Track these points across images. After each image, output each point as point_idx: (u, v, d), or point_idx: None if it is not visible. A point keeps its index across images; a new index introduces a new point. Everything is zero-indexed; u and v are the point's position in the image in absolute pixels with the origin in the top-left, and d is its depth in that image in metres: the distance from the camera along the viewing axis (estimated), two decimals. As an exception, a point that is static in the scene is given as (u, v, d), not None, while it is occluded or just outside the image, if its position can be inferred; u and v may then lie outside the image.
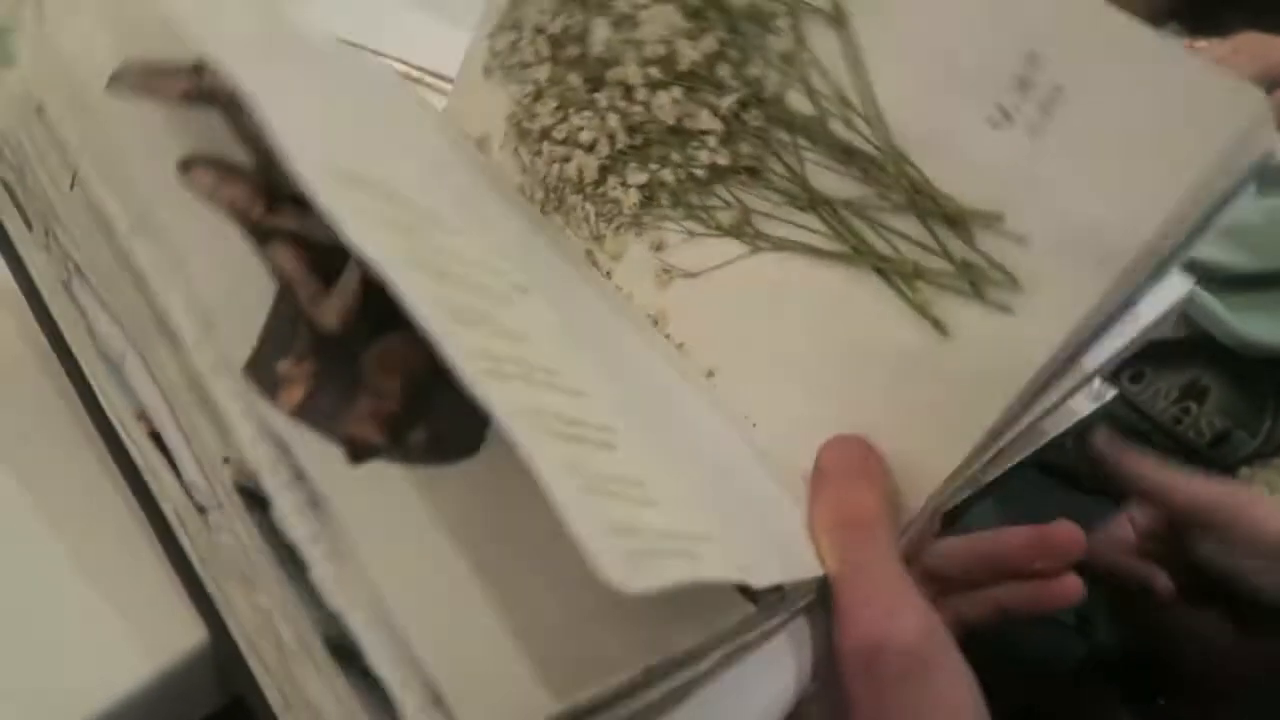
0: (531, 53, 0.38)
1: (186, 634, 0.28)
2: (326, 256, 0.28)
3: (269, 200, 0.28)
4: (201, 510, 0.27)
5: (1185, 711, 0.53)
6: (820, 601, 0.30)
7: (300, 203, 0.29)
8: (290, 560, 0.25)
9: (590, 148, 0.36)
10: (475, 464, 0.27)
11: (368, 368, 0.27)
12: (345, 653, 0.24)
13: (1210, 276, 0.69)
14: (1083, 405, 0.41)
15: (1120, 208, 0.26)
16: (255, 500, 0.26)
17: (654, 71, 0.34)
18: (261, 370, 0.26)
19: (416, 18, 0.65)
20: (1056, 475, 0.69)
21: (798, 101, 0.32)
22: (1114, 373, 0.45)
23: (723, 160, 0.33)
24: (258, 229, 0.28)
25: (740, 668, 0.28)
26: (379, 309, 0.28)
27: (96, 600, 0.28)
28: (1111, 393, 0.42)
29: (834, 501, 0.30)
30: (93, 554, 0.29)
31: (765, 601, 0.27)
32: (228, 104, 0.30)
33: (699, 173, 0.34)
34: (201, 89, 0.31)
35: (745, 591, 0.27)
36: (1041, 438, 0.39)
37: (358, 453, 0.25)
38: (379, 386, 0.26)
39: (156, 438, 0.29)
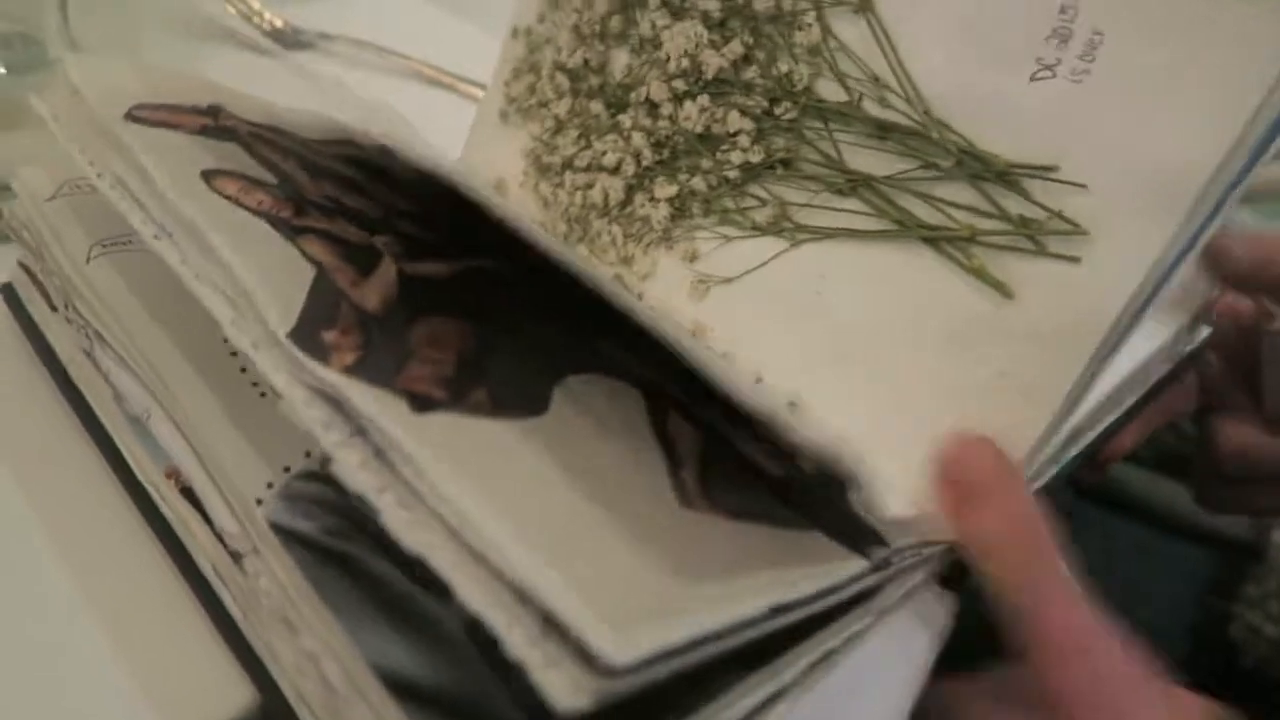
0: (551, 90, 0.37)
1: (235, 697, 0.26)
2: (358, 253, 0.27)
3: (296, 207, 0.28)
4: (237, 557, 0.26)
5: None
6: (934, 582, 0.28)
7: (324, 210, 0.28)
8: (334, 590, 0.23)
9: (615, 169, 0.35)
10: (544, 420, 0.25)
11: (415, 343, 0.25)
12: (401, 687, 0.22)
13: None
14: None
15: (1181, 139, 0.25)
16: (290, 536, 0.24)
17: (679, 84, 0.33)
18: (307, 339, 0.24)
19: (445, 23, 0.65)
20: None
21: (829, 89, 0.31)
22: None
23: (756, 158, 0.32)
24: (289, 227, 0.27)
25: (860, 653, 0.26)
26: (416, 298, 0.26)
27: (142, 670, 0.26)
28: (1204, 332, 0.39)
29: (1001, 506, 0.27)
30: (135, 623, 0.27)
31: (875, 558, 0.25)
32: (245, 138, 0.30)
33: (732, 174, 0.33)
34: (219, 126, 0.30)
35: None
36: (1129, 394, 0.36)
37: (420, 404, 0.23)
38: (430, 356, 0.25)
39: (187, 493, 0.27)
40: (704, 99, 0.33)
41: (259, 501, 0.25)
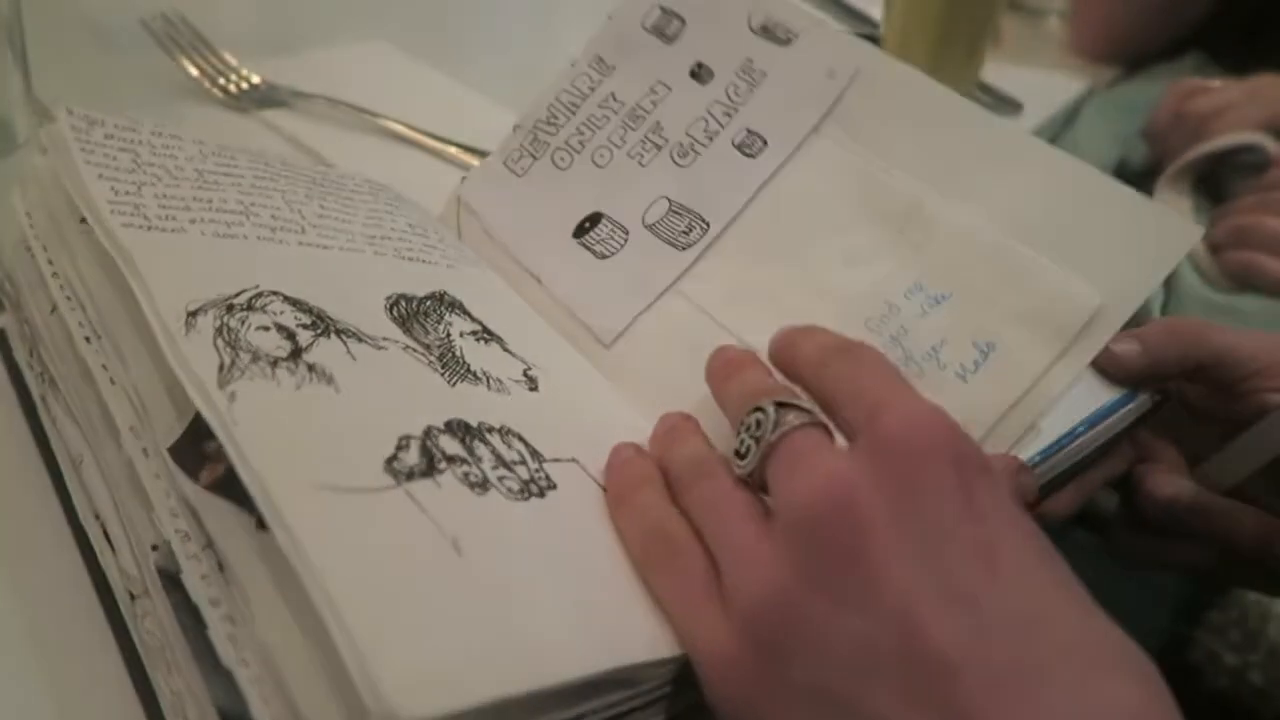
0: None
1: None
2: None
3: None
4: (134, 598, 0.28)
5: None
6: None
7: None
8: (198, 634, 0.25)
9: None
10: None
11: None
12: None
13: None
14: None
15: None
16: (173, 581, 0.26)
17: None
18: (186, 453, 0.27)
19: (425, 80, 0.68)
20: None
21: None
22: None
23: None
24: None
25: None
26: None
27: (55, 694, 0.29)
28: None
29: None
30: (58, 651, 0.30)
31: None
32: None
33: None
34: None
35: None
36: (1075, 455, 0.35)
37: (264, 523, 0.25)
38: None
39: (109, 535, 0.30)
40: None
41: (154, 547, 0.27)
